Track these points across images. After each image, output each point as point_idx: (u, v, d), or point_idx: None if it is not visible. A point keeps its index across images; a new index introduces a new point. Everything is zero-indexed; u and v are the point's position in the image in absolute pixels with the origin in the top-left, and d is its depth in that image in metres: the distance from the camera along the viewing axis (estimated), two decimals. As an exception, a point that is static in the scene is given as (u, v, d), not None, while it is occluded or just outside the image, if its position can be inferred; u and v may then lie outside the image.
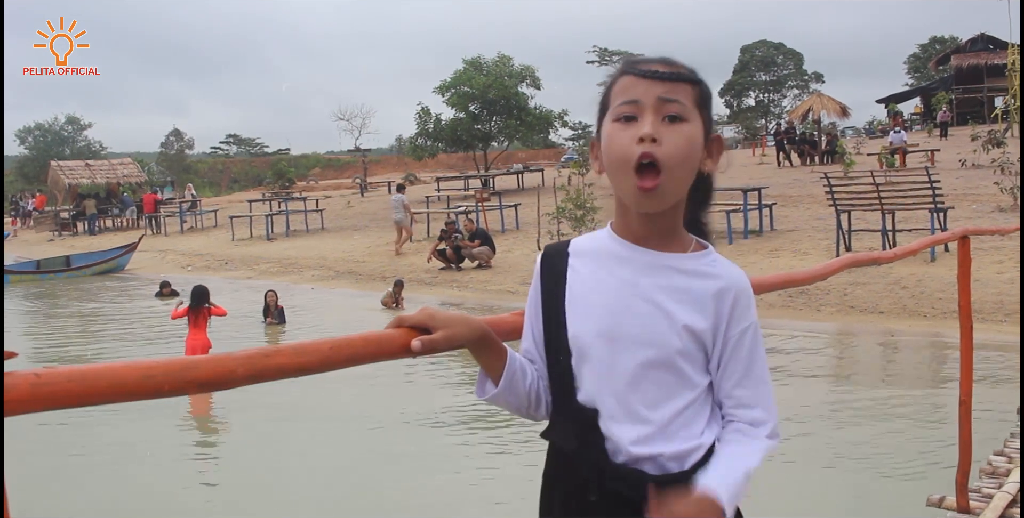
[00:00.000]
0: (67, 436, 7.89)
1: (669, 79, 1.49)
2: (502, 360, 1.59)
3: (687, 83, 1.51)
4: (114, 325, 15.22)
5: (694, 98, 1.51)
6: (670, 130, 1.47)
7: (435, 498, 6.38)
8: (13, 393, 1.07)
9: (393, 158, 69.89)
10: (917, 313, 12.04)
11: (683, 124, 1.48)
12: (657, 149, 1.45)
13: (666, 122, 1.47)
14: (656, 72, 1.50)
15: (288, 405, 8.91)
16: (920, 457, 6.69)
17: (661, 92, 1.48)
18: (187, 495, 6.63)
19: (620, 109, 1.50)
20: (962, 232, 4.40)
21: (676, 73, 1.50)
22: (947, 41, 69.14)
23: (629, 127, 1.48)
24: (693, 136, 1.49)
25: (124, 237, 30.95)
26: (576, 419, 1.56)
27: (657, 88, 1.48)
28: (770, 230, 18.28)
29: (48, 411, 1.12)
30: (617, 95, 1.52)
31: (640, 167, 1.46)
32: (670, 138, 1.46)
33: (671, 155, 1.45)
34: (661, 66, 1.51)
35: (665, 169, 1.45)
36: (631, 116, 1.49)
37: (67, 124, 74.63)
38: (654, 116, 1.47)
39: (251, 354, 1.32)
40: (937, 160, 26.15)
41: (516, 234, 21.74)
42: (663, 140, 1.46)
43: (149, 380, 1.19)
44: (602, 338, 1.54)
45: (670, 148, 1.45)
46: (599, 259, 1.59)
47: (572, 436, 1.57)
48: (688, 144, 1.47)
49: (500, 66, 35.37)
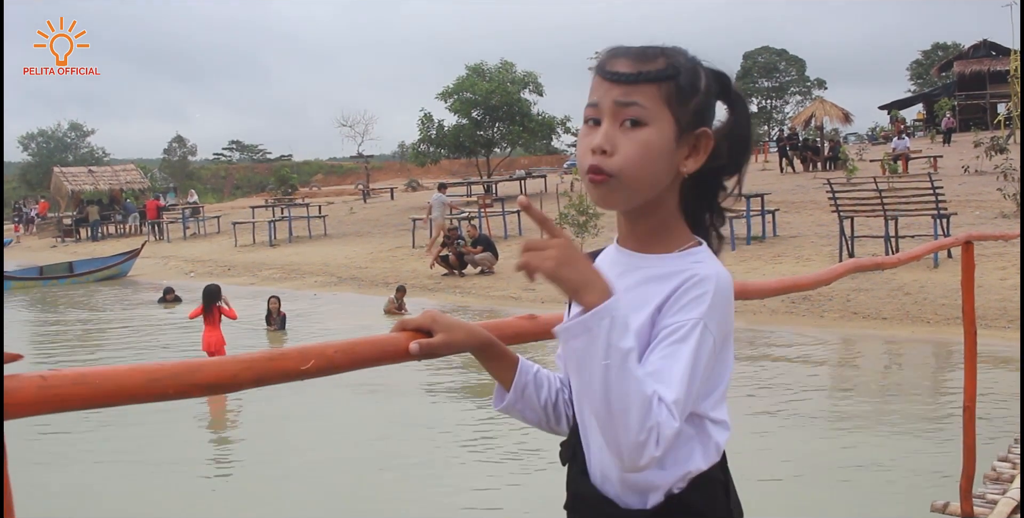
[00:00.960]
0: (69, 438, 7.90)
1: (627, 81, 1.39)
2: (512, 370, 1.58)
3: (651, 83, 1.40)
4: (117, 331, 15.23)
5: (663, 97, 1.40)
6: (626, 138, 1.39)
7: (440, 507, 6.37)
8: (19, 395, 1.07)
9: (396, 164, 70.10)
10: (920, 319, 12.03)
11: (640, 129, 1.39)
12: (605, 161, 1.38)
13: (624, 128, 1.39)
14: (615, 74, 1.41)
15: (292, 410, 8.92)
16: (924, 463, 6.67)
17: (618, 95, 1.39)
18: (185, 503, 6.61)
19: (586, 112, 1.44)
20: (966, 237, 4.40)
21: (635, 74, 1.40)
22: (950, 47, 69.21)
23: (590, 132, 1.42)
24: (650, 141, 1.38)
25: (127, 243, 31.02)
26: (574, 434, 1.55)
27: (615, 91, 1.40)
28: (772, 236, 18.28)
29: (53, 413, 1.13)
30: (589, 94, 1.46)
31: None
32: (623, 147, 1.38)
33: (620, 167, 1.38)
34: (626, 64, 1.41)
35: (616, 178, 1.38)
36: (595, 120, 1.42)
37: (70, 130, 74.83)
38: (610, 121, 1.40)
39: (255, 357, 1.32)
40: (940, 166, 26.16)
41: (519, 240, 21.73)
42: (616, 149, 1.38)
43: (154, 383, 1.19)
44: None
45: (619, 159, 1.38)
46: (605, 268, 1.51)
47: (568, 452, 1.56)
48: (643, 151, 1.38)
49: (503, 72, 35.43)
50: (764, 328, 12.30)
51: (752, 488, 1.48)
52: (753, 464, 6.28)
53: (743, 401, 8.28)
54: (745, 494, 1.55)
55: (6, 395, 1.05)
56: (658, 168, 1.41)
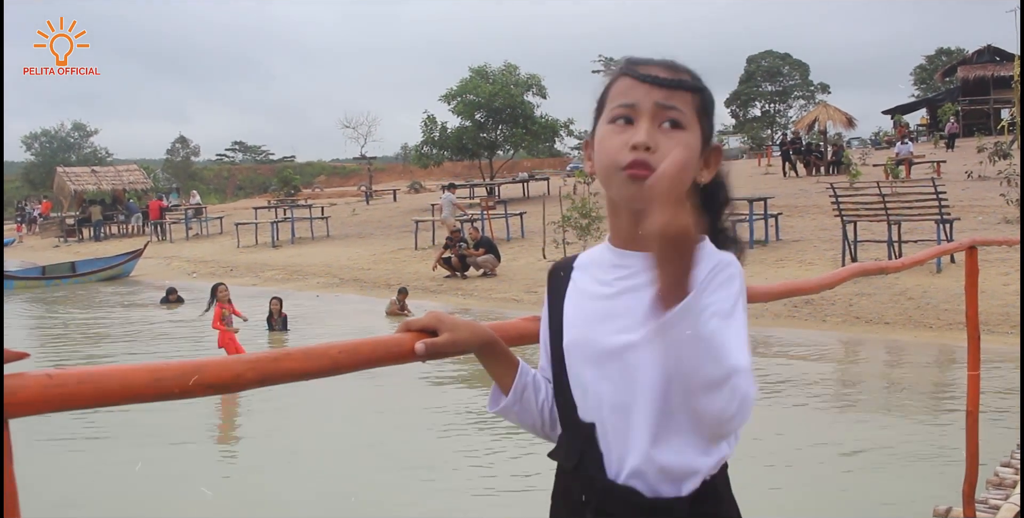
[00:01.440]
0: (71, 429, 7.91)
1: (669, 86, 1.44)
2: (512, 371, 1.58)
3: (687, 90, 1.46)
4: (119, 332, 15.23)
5: (694, 106, 1.46)
6: (666, 137, 1.42)
7: (439, 509, 6.37)
8: (24, 394, 1.07)
9: (399, 166, 70.10)
10: (922, 324, 12.02)
11: (681, 132, 1.43)
12: (651, 157, 1.40)
13: (663, 129, 1.43)
14: (656, 78, 1.44)
15: (290, 410, 8.92)
16: (926, 467, 6.67)
17: (660, 98, 1.43)
18: (183, 502, 6.61)
19: (616, 111, 1.46)
20: (970, 242, 4.39)
21: (677, 80, 1.45)
22: (953, 53, 69.16)
23: (623, 131, 1.44)
24: (690, 144, 1.44)
25: (129, 243, 31.04)
26: (577, 436, 1.52)
27: (656, 93, 1.44)
28: (775, 240, 18.27)
29: (59, 412, 1.13)
30: (614, 97, 1.48)
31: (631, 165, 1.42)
32: (666, 146, 1.41)
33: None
34: (662, 71, 1.46)
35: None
36: (627, 119, 1.44)
37: (73, 130, 74.90)
38: (650, 122, 1.43)
39: (259, 357, 1.32)
40: (943, 171, 26.15)
41: (521, 243, 21.75)
42: (658, 148, 1.41)
43: (158, 382, 1.20)
44: (579, 346, 1.51)
45: (664, 157, 1.37)
46: (594, 270, 1.56)
47: (574, 454, 1.52)
48: (684, 151, 1.39)
49: (506, 75, 35.45)
50: (766, 332, 12.29)
51: (753, 493, 1.47)
52: (754, 468, 6.28)
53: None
54: (745, 499, 1.55)
55: (12, 393, 1.06)
56: (690, 172, 1.45)
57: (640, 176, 1.39)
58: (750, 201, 18.31)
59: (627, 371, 1.43)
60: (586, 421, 1.50)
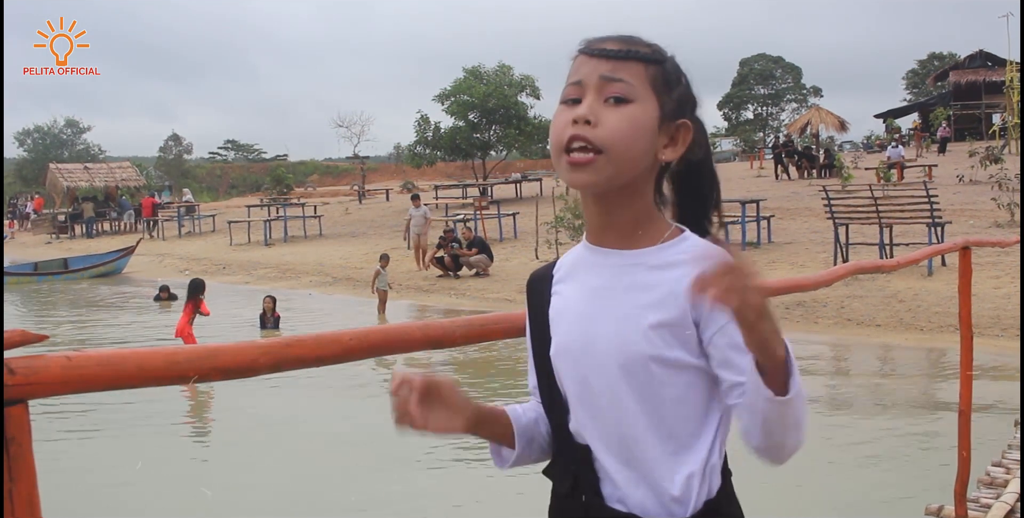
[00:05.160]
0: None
1: (616, 57, 1.36)
2: (505, 422, 1.48)
3: (639, 61, 1.37)
4: (112, 329, 15.20)
5: (649, 78, 1.37)
6: (610, 111, 1.34)
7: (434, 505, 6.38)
8: (45, 375, 1.09)
9: (391, 166, 70.00)
10: (914, 327, 12.07)
11: (626, 105, 1.35)
12: (591, 131, 1.33)
13: (609, 104, 1.35)
14: (603, 50, 1.37)
15: (275, 410, 8.93)
16: (918, 467, 6.70)
17: (605, 70, 1.36)
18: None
19: (566, 91, 1.39)
20: (963, 243, 4.43)
21: (625, 50, 1.37)
22: (945, 57, 69.46)
23: (570, 109, 1.37)
24: (637, 118, 1.35)
25: (122, 240, 30.94)
26: (570, 455, 1.44)
27: (602, 66, 1.36)
28: (768, 243, 18.32)
29: (77, 394, 1.15)
30: (569, 76, 1.41)
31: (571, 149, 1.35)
32: (608, 119, 1.33)
33: (606, 138, 1.33)
34: (613, 43, 1.38)
35: (603, 151, 1.33)
36: (575, 99, 1.37)
37: (66, 127, 74.76)
38: (595, 96, 1.35)
39: (273, 343, 1.35)
40: (935, 175, 26.25)
41: (514, 243, 21.77)
42: (600, 121, 1.33)
43: (175, 366, 1.22)
44: (572, 356, 1.42)
45: (606, 131, 1.33)
46: (575, 273, 1.48)
47: (567, 476, 1.44)
48: (630, 126, 1.34)
49: (500, 75, 35.44)
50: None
51: (745, 493, 1.48)
52: (746, 469, 6.30)
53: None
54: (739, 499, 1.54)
55: (33, 374, 1.07)
56: (641, 147, 1.36)
57: (578, 163, 1.34)
58: (743, 203, 18.37)
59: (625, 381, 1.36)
60: (580, 442, 1.43)
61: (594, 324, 1.39)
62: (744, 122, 79.77)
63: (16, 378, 1.05)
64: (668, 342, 1.34)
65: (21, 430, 1.06)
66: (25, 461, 1.06)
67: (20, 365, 1.06)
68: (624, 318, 1.36)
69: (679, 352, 1.34)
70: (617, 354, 1.36)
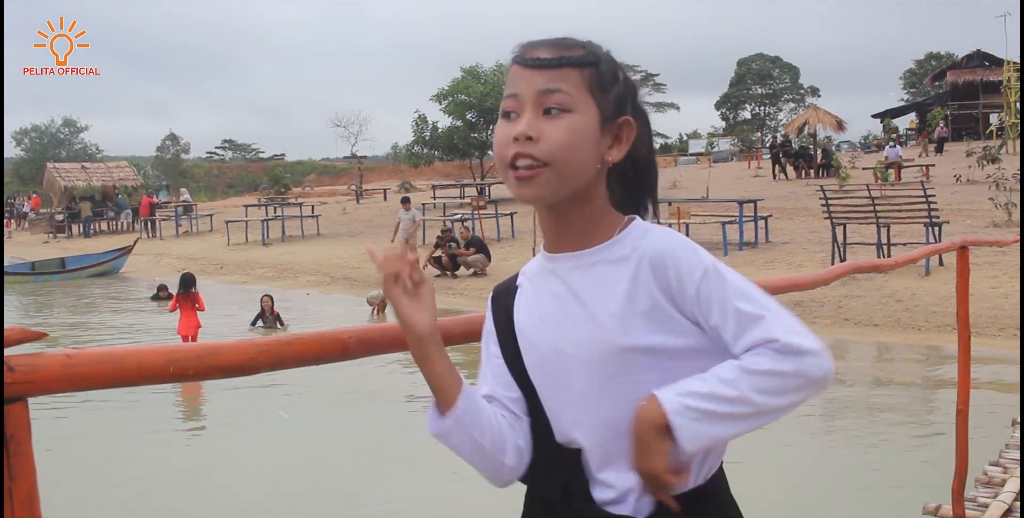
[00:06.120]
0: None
1: (550, 66, 1.36)
2: (457, 377, 1.42)
3: (573, 67, 1.36)
4: (111, 328, 15.19)
5: (585, 83, 1.36)
6: (550, 124, 1.34)
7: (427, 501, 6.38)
8: (45, 373, 1.09)
9: (389, 165, 70.07)
10: (911, 326, 12.08)
11: (564, 116, 1.34)
12: (533, 147, 1.33)
13: (548, 116, 1.34)
14: (537, 60, 1.37)
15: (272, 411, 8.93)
16: (916, 465, 6.71)
17: (541, 84, 1.35)
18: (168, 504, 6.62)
19: (504, 104, 1.39)
20: (961, 242, 4.43)
21: (558, 58, 1.36)
22: (943, 57, 69.56)
23: (510, 124, 1.37)
24: (577, 127, 1.34)
25: (119, 240, 30.93)
26: (558, 462, 1.43)
27: (538, 79, 1.36)
28: (765, 242, 18.33)
29: (77, 391, 1.15)
30: (506, 87, 1.41)
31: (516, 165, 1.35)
32: (548, 132, 1.33)
33: (549, 151, 1.33)
34: (546, 50, 1.38)
35: (548, 164, 1.34)
36: (514, 112, 1.37)
37: (64, 126, 74.70)
38: (533, 111, 1.35)
39: (272, 342, 1.34)
40: (932, 175, 26.29)
41: (512, 242, 21.77)
42: (541, 136, 1.33)
43: (174, 364, 1.21)
44: (549, 365, 1.42)
45: (548, 144, 1.33)
46: (535, 281, 1.48)
47: (556, 484, 1.43)
48: (571, 137, 1.34)
49: (498, 75, 35.41)
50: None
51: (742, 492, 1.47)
52: (742, 468, 6.31)
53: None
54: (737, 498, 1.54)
55: (33, 372, 1.07)
56: (586, 154, 1.36)
57: (524, 177, 1.35)
58: (740, 203, 18.38)
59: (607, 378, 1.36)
60: (568, 447, 1.42)
61: (562, 330, 1.39)
62: (742, 122, 79.88)
63: (15, 376, 1.05)
64: (644, 329, 1.33)
65: (20, 428, 1.06)
66: (24, 459, 1.06)
67: (20, 363, 1.06)
68: (592, 316, 1.36)
69: (659, 337, 1.34)
70: (594, 352, 1.36)
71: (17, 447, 1.05)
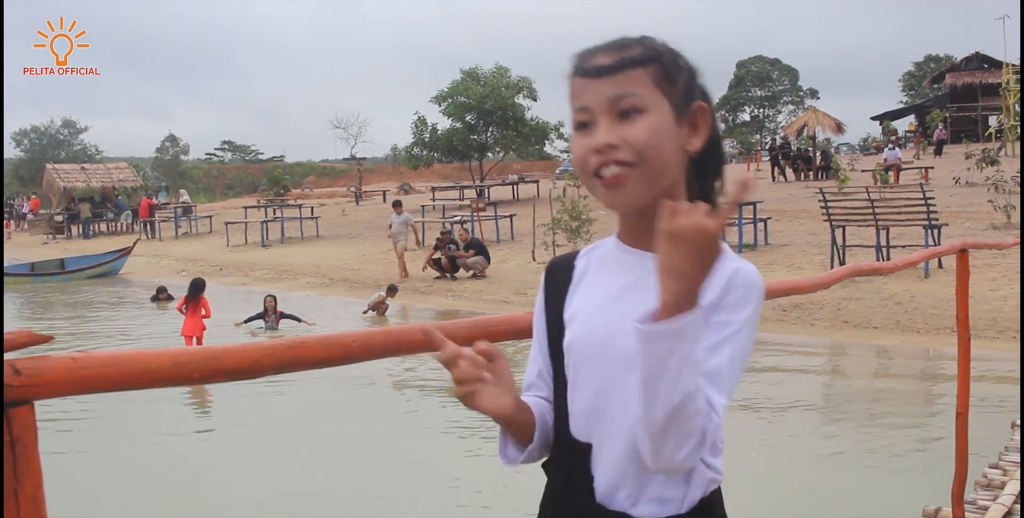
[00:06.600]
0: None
1: (614, 71, 1.35)
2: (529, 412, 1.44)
3: (637, 67, 1.35)
4: (112, 330, 15.18)
5: (652, 80, 1.36)
6: (628, 127, 1.33)
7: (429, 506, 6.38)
8: (50, 376, 1.09)
9: (388, 167, 70.03)
10: (910, 329, 12.08)
11: (640, 117, 1.34)
12: (617, 154, 1.33)
13: (624, 121, 1.34)
14: (599, 68, 1.36)
15: (277, 409, 8.93)
16: (916, 468, 6.71)
17: (609, 90, 1.34)
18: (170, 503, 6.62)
19: (576, 117, 1.38)
20: (960, 245, 4.44)
21: (620, 61, 1.35)
22: (942, 59, 69.56)
23: (586, 135, 1.36)
24: (655, 125, 1.34)
25: (119, 241, 30.92)
26: (568, 452, 1.43)
27: (604, 86, 1.35)
28: (764, 244, 18.33)
29: (82, 394, 1.15)
30: (572, 100, 1.40)
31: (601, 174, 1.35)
32: (629, 135, 1.33)
33: (634, 153, 1.33)
34: (604, 56, 1.37)
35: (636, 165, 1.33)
36: (588, 123, 1.36)
37: (63, 127, 74.69)
38: (607, 119, 1.34)
39: (276, 345, 1.35)
40: (931, 177, 26.30)
41: (511, 244, 21.76)
42: (623, 141, 1.33)
43: (179, 367, 1.22)
44: (587, 351, 1.41)
45: (632, 146, 1.33)
46: (601, 267, 1.47)
47: (562, 471, 1.44)
48: (652, 135, 1.33)
49: (497, 77, 35.47)
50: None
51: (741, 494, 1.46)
52: (742, 469, 6.31)
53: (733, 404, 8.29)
54: (734, 500, 1.53)
55: (38, 375, 1.07)
56: (669, 150, 1.36)
57: (613, 183, 1.34)
58: (739, 205, 18.34)
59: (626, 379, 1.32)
60: (578, 439, 1.41)
61: (616, 322, 1.35)
62: (741, 124, 79.85)
63: (21, 379, 1.05)
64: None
65: (26, 431, 1.06)
66: (30, 462, 1.06)
67: (25, 366, 1.06)
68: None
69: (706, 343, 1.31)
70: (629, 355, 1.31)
71: (23, 450, 1.05)
